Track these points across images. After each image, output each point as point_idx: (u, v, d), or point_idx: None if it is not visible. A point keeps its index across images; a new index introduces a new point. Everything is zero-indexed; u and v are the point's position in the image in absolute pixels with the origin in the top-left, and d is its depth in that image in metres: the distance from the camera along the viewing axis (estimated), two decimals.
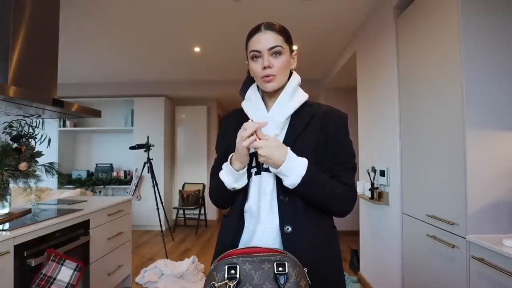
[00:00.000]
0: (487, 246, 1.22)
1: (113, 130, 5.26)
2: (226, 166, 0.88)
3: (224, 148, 0.96)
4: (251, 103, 0.94)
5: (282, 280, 0.63)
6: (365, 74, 2.88)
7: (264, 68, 0.85)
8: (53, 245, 1.67)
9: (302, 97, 0.93)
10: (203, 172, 5.42)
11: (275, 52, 0.86)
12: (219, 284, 0.62)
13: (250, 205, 0.89)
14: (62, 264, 1.63)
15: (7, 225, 1.56)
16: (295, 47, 0.91)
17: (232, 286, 0.62)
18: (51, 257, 1.59)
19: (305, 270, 0.70)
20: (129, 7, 2.59)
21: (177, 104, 5.58)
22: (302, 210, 0.84)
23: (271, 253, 0.67)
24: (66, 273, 1.64)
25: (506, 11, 1.40)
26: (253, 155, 0.88)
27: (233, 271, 0.63)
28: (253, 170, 0.90)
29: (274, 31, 0.87)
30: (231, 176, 0.86)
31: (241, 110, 0.96)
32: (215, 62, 4.07)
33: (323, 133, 0.89)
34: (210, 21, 2.87)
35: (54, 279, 1.58)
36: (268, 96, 0.94)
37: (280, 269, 0.64)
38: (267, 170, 0.86)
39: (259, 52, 0.86)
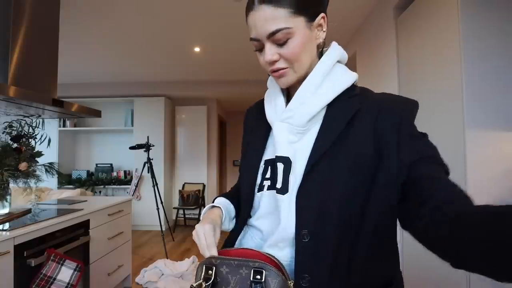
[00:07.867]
0: None
1: (113, 130, 5.26)
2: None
3: (244, 147, 0.79)
4: (270, 94, 0.72)
5: None
6: (365, 74, 2.87)
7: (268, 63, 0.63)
8: (53, 245, 1.67)
9: (339, 83, 0.64)
10: (203, 172, 5.42)
11: (277, 40, 0.60)
12: (195, 284, 0.58)
13: (257, 225, 0.69)
14: (62, 264, 1.63)
15: (7, 225, 1.56)
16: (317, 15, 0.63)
17: (204, 286, 0.57)
18: (51, 257, 1.59)
19: (291, 283, 0.55)
20: (129, 7, 2.59)
21: (177, 104, 5.58)
22: (329, 257, 0.58)
23: (251, 259, 0.57)
24: (66, 273, 1.64)
25: (506, 11, 1.40)
26: (268, 163, 0.67)
27: (210, 272, 0.59)
28: (266, 183, 0.66)
29: (270, 5, 0.58)
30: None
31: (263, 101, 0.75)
32: (215, 62, 4.07)
33: (369, 140, 0.59)
34: (210, 21, 2.86)
35: (54, 279, 1.58)
36: (293, 85, 0.67)
37: (258, 277, 0.55)
38: (282, 191, 0.61)
39: (257, 40, 0.62)
